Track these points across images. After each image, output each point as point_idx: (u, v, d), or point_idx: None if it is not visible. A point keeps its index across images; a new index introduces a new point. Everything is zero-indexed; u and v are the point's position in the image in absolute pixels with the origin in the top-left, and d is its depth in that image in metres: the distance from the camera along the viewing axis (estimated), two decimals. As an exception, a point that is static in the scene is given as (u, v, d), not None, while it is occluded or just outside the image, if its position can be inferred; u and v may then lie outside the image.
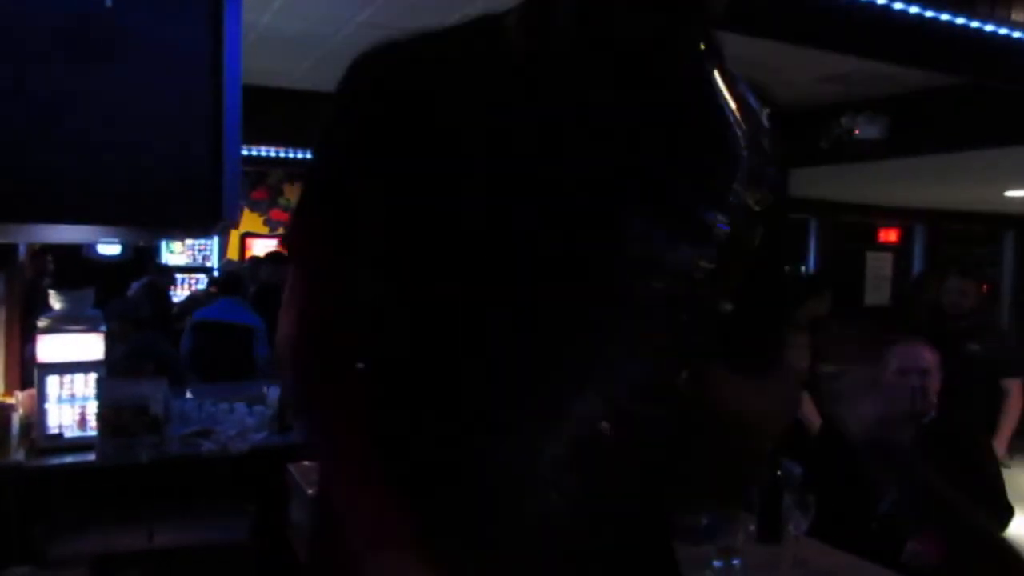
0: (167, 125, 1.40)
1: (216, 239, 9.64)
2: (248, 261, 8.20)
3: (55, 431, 4.25)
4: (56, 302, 4.37)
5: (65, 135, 1.51)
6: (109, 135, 1.55)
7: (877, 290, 9.37)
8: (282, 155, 7.18)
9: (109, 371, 4.49)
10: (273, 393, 4.97)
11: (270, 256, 6.66)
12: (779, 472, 2.63)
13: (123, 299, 6.08)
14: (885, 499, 2.86)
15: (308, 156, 1.01)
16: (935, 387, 2.98)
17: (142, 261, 7.97)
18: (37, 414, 4.25)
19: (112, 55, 1.52)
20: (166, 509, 3.17)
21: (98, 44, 1.47)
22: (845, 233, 9.46)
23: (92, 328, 4.40)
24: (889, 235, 10.45)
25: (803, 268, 9.65)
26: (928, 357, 2.97)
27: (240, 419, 4.77)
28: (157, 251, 8.88)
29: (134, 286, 6.92)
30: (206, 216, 1.53)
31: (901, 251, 10.17)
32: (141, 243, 4.44)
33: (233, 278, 6.42)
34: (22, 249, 4.77)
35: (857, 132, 5.16)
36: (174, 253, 9.38)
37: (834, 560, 2.56)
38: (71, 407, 4.36)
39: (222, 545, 1.82)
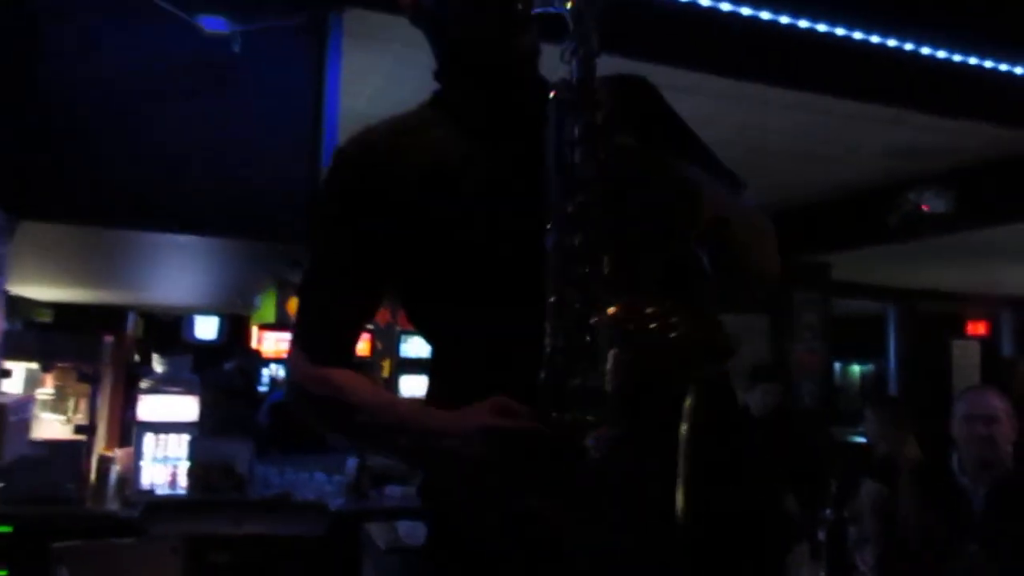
0: (273, 151, 1.63)
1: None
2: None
3: (147, 487, 4.52)
4: (158, 365, 4.72)
5: (187, 155, 1.79)
6: (223, 156, 1.82)
7: (966, 380, 9.05)
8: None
9: (201, 433, 4.76)
10: (351, 463, 5.14)
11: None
12: (845, 513, 2.64)
13: (218, 370, 6.42)
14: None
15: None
16: (1007, 436, 2.93)
17: (233, 346, 8.43)
18: (133, 470, 4.54)
19: (235, 91, 1.81)
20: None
21: (223, 81, 1.76)
22: (928, 323, 9.24)
23: (189, 391, 4.72)
24: (977, 328, 10.15)
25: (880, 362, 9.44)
26: (996, 404, 2.94)
27: (319, 486, 4.95)
28: (247, 337, 9.37)
29: (226, 365, 7.33)
30: (300, 231, 1.77)
31: (989, 340, 9.83)
32: (239, 309, 4.79)
33: None
34: (131, 319, 5.19)
35: (926, 208, 5.19)
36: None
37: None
38: (164, 466, 4.64)
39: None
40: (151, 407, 4.66)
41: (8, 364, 4.23)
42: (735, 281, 1.14)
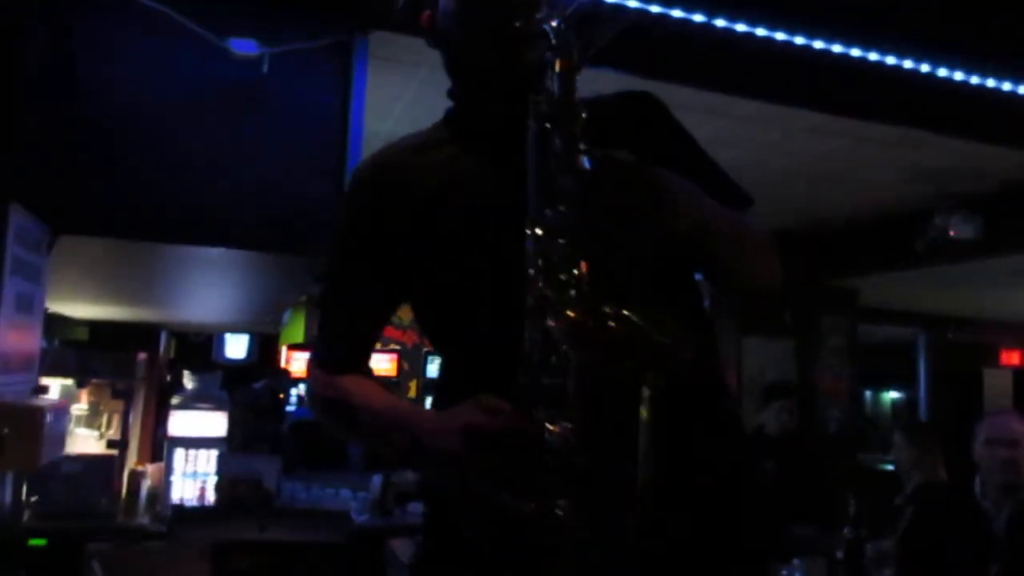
0: (300, 168, 1.70)
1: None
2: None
3: (177, 502, 4.60)
4: (189, 381, 4.83)
5: (218, 171, 1.88)
6: (253, 173, 1.91)
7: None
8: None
9: (230, 448, 4.85)
10: (376, 480, 5.20)
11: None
12: (863, 532, 2.64)
13: (247, 389, 6.53)
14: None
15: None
16: (1028, 460, 2.92)
17: (263, 365, 8.55)
18: (163, 485, 4.62)
19: (264, 110, 1.90)
20: None
21: (253, 101, 1.86)
22: (960, 351, 9.11)
23: (218, 407, 4.82)
24: (1011, 357, 9.98)
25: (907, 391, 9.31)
26: (1018, 428, 2.92)
27: (344, 502, 5.01)
28: (277, 357, 9.50)
29: (256, 385, 7.44)
30: (324, 246, 1.84)
31: (1023, 369, 9.66)
32: (268, 327, 4.88)
33: None
34: (163, 338, 5.31)
35: (952, 233, 5.16)
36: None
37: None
38: (193, 481, 4.72)
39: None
40: (182, 423, 4.76)
41: (45, 380, 4.34)
42: (724, 288, 1.18)
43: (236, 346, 8.09)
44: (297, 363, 10.05)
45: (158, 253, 2.19)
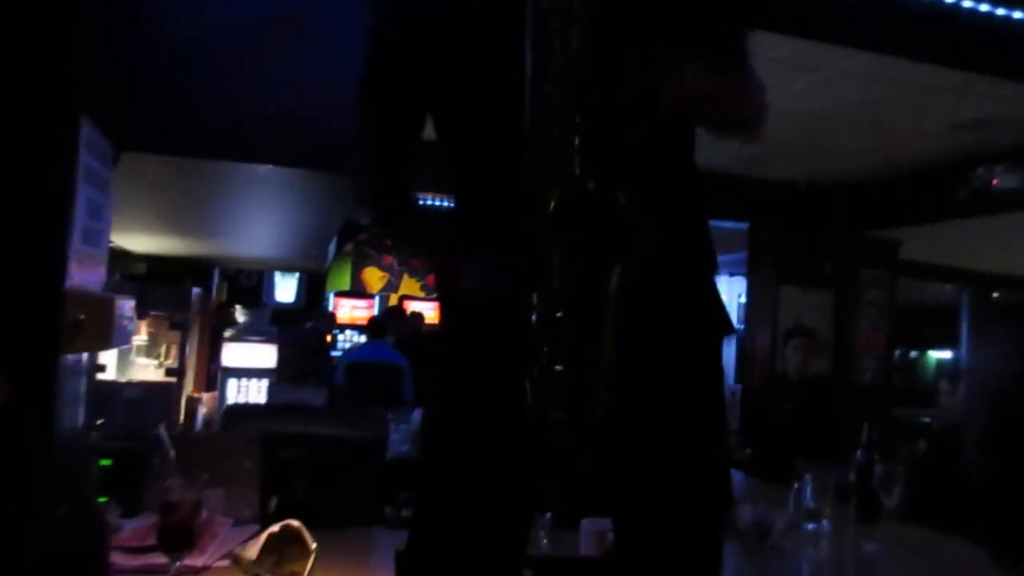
0: (344, 92, 1.82)
1: (376, 300, 10.54)
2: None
3: (230, 428, 4.89)
4: (240, 315, 5.09)
5: (268, 95, 2.04)
6: (300, 96, 2.06)
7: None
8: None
9: (279, 379, 5.12)
10: (416, 414, 5.43)
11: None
12: (875, 456, 2.74)
13: (295, 329, 6.81)
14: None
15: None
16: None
17: (310, 309, 8.88)
18: (217, 412, 4.90)
19: (311, 38, 2.06)
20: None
21: (303, 30, 2.03)
22: (1005, 310, 8.97)
23: (268, 340, 5.08)
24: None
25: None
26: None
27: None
28: (325, 302, 9.84)
29: (304, 326, 7.74)
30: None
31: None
32: (314, 263, 5.09)
33: (379, 324, 6.95)
34: (216, 275, 5.57)
35: (996, 183, 5.12)
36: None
37: (931, 538, 2.63)
38: (245, 409, 5.01)
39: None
40: (234, 354, 5.04)
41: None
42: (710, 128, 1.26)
43: (285, 289, 8.39)
44: (343, 309, 10.38)
45: (211, 173, 2.37)
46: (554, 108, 1.06)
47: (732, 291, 8.09)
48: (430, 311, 9.54)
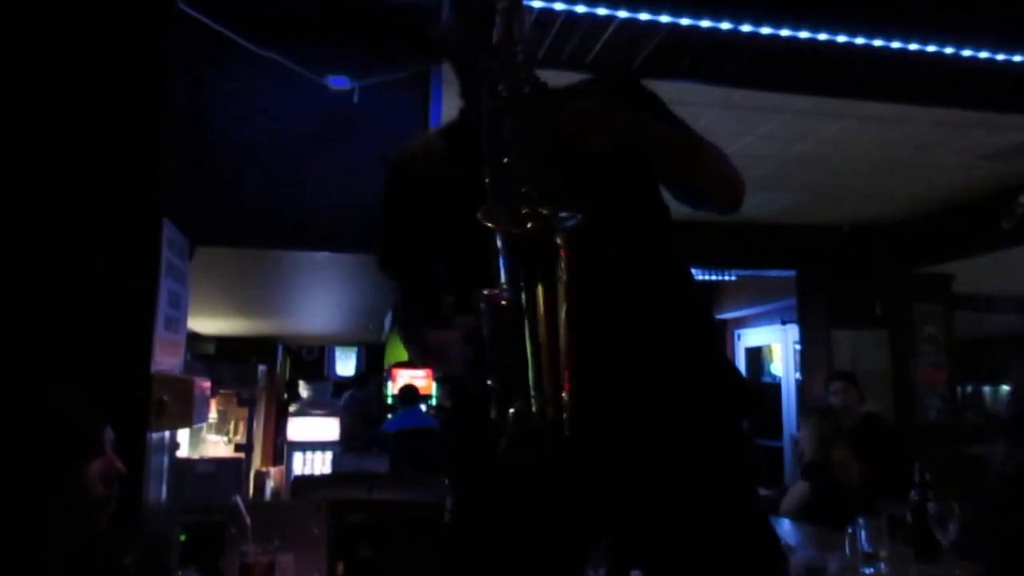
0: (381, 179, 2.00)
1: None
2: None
3: (299, 500, 5.06)
4: (304, 390, 5.30)
5: (321, 188, 2.25)
6: (350, 189, 2.27)
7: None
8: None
9: (343, 450, 5.29)
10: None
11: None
12: (929, 494, 2.76)
13: (356, 392, 6.98)
14: None
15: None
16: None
17: (370, 375, 9.12)
18: (285, 485, 5.08)
19: (358, 133, 2.27)
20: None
21: (350, 124, 2.23)
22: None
23: (331, 413, 5.27)
24: None
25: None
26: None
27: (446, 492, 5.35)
28: (384, 374, 10.07)
29: (365, 389, 7.94)
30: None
31: None
32: (371, 336, 5.29)
33: (411, 391, 6.85)
34: (280, 351, 5.81)
35: (1040, 211, 5.10)
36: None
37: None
38: (312, 481, 5.18)
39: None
40: (299, 428, 5.23)
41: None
42: (681, 194, 1.30)
43: (346, 363, 8.65)
44: (401, 380, 10.59)
45: (274, 260, 2.58)
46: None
47: (788, 339, 8.07)
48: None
